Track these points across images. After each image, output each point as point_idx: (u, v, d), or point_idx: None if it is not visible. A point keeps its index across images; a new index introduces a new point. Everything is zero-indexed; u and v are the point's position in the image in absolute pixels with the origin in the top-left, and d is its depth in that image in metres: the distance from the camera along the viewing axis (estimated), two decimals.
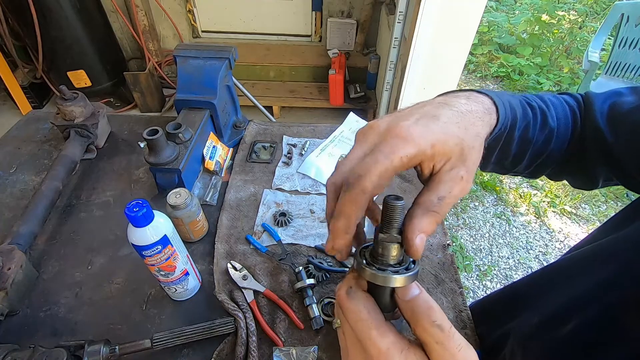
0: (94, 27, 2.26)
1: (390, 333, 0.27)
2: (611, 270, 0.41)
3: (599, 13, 3.85)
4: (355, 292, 0.30)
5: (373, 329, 0.27)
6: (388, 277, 0.28)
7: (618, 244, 0.43)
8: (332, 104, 2.51)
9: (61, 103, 0.86)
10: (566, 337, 0.42)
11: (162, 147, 0.73)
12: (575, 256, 0.50)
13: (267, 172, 0.90)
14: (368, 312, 0.28)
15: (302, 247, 0.74)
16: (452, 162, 0.30)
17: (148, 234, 0.52)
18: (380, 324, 0.28)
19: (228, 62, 0.88)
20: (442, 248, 0.74)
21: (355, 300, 0.29)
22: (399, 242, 0.29)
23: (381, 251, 0.29)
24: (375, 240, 0.30)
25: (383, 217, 0.30)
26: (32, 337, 0.60)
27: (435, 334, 0.26)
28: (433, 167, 0.30)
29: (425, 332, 0.27)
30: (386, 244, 0.29)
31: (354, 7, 2.61)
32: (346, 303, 0.29)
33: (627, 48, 2.23)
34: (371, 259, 0.30)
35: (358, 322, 0.28)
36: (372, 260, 0.30)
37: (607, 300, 0.39)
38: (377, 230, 0.30)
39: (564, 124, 0.48)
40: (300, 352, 0.57)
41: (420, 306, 0.28)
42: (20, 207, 0.77)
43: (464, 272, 1.84)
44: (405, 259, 0.31)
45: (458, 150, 0.30)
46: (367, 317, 0.28)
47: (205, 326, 0.58)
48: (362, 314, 0.28)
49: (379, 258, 0.30)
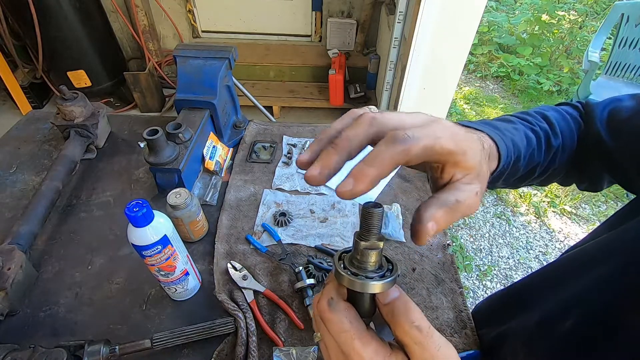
0: (94, 27, 2.26)
1: (372, 341, 0.28)
2: (610, 267, 0.41)
3: (599, 13, 3.85)
4: (337, 303, 0.30)
5: (356, 339, 0.28)
6: (367, 284, 0.28)
7: (616, 241, 0.43)
8: (332, 104, 2.51)
9: (61, 103, 0.86)
10: (567, 333, 0.42)
11: (162, 147, 0.73)
12: (574, 254, 0.50)
13: (267, 172, 0.90)
14: (350, 322, 0.28)
15: (302, 247, 0.74)
16: (470, 177, 0.29)
17: (148, 234, 0.52)
18: (362, 333, 0.28)
19: (228, 62, 0.88)
20: (442, 248, 0.74)
21: (336, 312, 0.29)
22: (378, 249, 0.29)
23: (360, 257, 0.29)
24: (354, 247, 0.30)
25: (362, 224, 0.30)
26: (32, 337, 0.60)
27: (415, 336, 0.27)
28: (452, 176, 0.29)
29: (405, 334, 0.27)
30: (366, 251, 0.29)
31: (354, 7, 2.61)
32: (328, 315, 0.29)
33: (627, 48, 2.23)
34: (350, 264, 0.30)
35: (341, 334, 0.28)
36: (351, 266, 0.30)
37: (606, 296, 0.39)
38: (355, 237, 0.30)
39: (569, 137, 0.49)
40: (300, 352, 0.57)
41: (399, 308, 0.28)
42: (20, 207, 0.77)
43: (464, 272, 1.84)
44: (384, 264, 0.31)
45: (479, 167, 0.30)
46: (350, 328, 0.28)
47: (205, 326, 0.58)
48: (344, 325, 0.28)
49: (358, 264, 0.30)
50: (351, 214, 0.80)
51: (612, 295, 0.39)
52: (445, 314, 0.64)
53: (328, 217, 0.79)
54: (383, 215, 0.30)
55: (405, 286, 0.68)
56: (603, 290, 0.40)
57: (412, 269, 0.70)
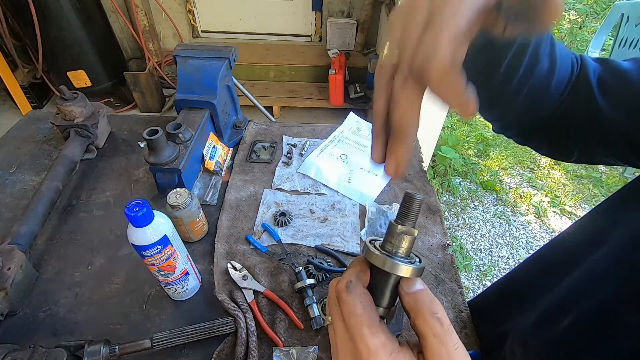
0: (94, 27, 2.26)
1: (381, 333, 0.27)
2: (605, 261, 0.41)
3: (599, 13, 3.85)
4: (356, 286, 0.29)
5: (365, 326, 0.27)
6: (397, 265, 0.28)
7: (610, 234, 0.43)
8: (332, 104, 2.51)
9: (61, 103, 0.86)
10: (565, 331, 0.42)
11: (162, 147, 0.73)
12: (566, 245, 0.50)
13: (267, 172, 0.90)
14: (363, 307, 0.28)
15: (302, 247, 0.74)
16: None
17: (148, 234, 0.52)
18: (373, 322, 0.27)
19: (228, 62, 0.88)
20: (442, 248, 0.74)
21: (353, 295, 0.28)
22: (413, 236, 0.29)
23: (394, 242, 0.30)
24: (388, 232, 0.30)
25: (402, 208, 0.30)
26: (32, 337, 0.60)
27: (434, 326, 0.26)
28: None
29: (425, 323, 0.27)
30: (401, 235, 0.29)
31: (354, 7, 2.61)
32: (344, 295, 0.29)
33: (627, 48, 2.23)
34: (381, 248, 0.31)
35: (352, 317, 0.28)
36: (382, 250, 0.30)
37: (602, 292, 0.39)
38: (391, 221, 0.30)
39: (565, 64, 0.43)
40: (300, 352, 0.57)
41: (423, 297, 0.28)
42: (20, 207, 0.77)
43: (464, 272, 1.84)
44: (412, 256, 0.31)
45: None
46: (362, 313, 0.27)
47: (205, 326, 0.58)
48: (357, 309, 0.28)
49: (390, 249, 0.30)
50: (351, 214, 0.80)
51: (608, 292, 0.39)
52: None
53: (328, 217, 0.79)
54: (422, 205, 0.30)
55: None
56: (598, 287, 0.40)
57: None
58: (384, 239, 0.31)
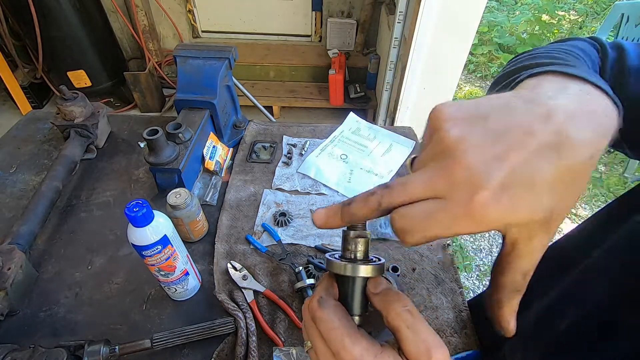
0: (94, 27, 2.26)
1: (362, 339, 0.27)
2: (602, 263, 0.41)
3: (599, 13, 3.85)
4: (327, 300, 0.30)
5: (345, 337, 0.27)
6: (357, 267, 0.30)
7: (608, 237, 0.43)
8: (332, 104, 2.51)
9: (61, 103, 0.86)
10: (564, 332, 0.42)
11: (162, 147, 0.73)
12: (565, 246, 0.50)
13: (267, 172, 0.90)
14: (339, 319, 0.28)
15: (302, 247, 0.74)
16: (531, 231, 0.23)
17: (148, 234, 0.52)
18: (352, 331, 0.28)
19: (228, 62, 0.88)
20: (442, 248, 0.74)
21: (326, 310, 0.29)
22: (366, 237, 0.31)
23: (350, 247, 0.31)
24: (344, 240, 0.32)
25: None
26: (32, 337, 0.60)
27: (406, 318, 0.27)
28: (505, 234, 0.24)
29: (397, 317, 0.27)
30: (355, 240, 0.30)
31: (354, 7, 2.61)
32: (318, 313, 0.29)
33: None
34: (340, 258, 0.32)
35: (331, 332, 0.28)
36: (341, 260, 0.31)
37: (601, 293, 0.39)
38: (344, 230, 0.32)
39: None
40: (300, 352, 0.57)
41: (391, 294, 0.29)
42: (20, 207, 0.77)
43: (464, 272, 1.84)
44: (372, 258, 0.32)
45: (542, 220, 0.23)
46: (339, 325, 0.28)
47: (205, 326, 0.58)
48: (334, 322, 0.28)
49: (349, 255, 0.31)
50: None
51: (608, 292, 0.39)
52: (445, 314, 0.64)
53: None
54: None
55: (405, 286, 0.68)
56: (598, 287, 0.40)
57: (412, 269, 0.70)
58: (341, 249, 0.32)
